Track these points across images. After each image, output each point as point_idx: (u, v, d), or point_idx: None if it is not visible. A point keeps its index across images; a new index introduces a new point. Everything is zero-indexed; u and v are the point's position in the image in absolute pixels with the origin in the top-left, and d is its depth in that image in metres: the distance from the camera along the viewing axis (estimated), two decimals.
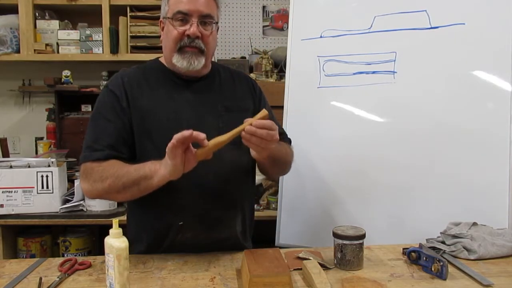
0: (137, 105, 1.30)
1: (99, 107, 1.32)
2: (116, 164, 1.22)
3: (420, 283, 1.09)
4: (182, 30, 1.29)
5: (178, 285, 1.09)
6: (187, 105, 1.32)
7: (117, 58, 2.62)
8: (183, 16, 1.28)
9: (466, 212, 1.45)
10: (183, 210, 1.28)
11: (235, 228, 1.37)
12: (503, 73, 1.51)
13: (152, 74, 1.36)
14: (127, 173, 1.17)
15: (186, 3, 1.28)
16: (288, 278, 1.01)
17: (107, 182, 1.19)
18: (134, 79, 1.34)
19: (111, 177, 1.18)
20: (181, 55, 1.30)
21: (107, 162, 1.23)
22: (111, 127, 1.28)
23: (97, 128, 1.29)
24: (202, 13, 1.29)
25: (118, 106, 1.29)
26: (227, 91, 1.40)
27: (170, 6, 1.31)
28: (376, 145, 1.67)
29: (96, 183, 1.21)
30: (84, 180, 1.25)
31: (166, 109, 1.31)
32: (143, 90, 1.32)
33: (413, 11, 1.66)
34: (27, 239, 2.29)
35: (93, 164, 1.24)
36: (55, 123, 2.68)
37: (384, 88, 1.68)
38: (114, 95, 1.30)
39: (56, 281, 1.09)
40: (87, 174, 1.24)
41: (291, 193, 1.81)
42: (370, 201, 1.65)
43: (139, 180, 1.16)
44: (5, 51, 2.55)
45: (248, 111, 1.39)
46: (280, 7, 3.08)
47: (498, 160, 1.48)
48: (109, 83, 1.34)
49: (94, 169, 1.23)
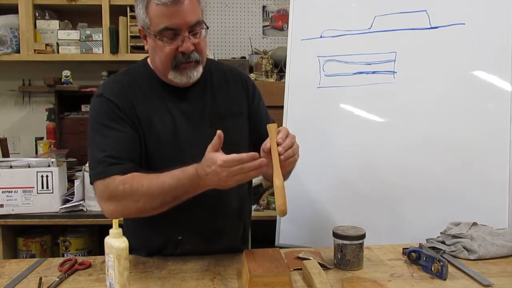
0: (135, 113, 1.23)
1: (99, 117, 1.22)
2: (143, 179, 1.12)
3: (420, 283, 1.09)
4: (174, 48, 1.19)
5: (178, 285, 1.09)
6: (182, 115, 1.26)
7: (117, 58, 2.62)
8: (172, 33, 1.17)
9: (466, 212, 1.44)
10: (181, 224, 1.24)
11: (236, 238, 1.35)
12: (503, 73, 1.51)
13: (143, 81, 1.28)
14: (163, 191, 1.10)
15: (172, 17, 1.15)
16: (288, 278, 1.01)
17: (141, 202, 1.11)
18: (126, 85, 1.26)
19: (145, 196, 1.11)
20: (178, 72, 1.22)
21: (131, 178, 1.13)
22: (121, 137, 1.19)
23: (106, 140, 1.19)
24: (191, 23, 1.18)
25: (121, 114, 1.21)
26: (220, 95, 1.33)
27: (152, 20, 1.17)
28: (376, 145, 1.67)
29: (127, 202, 1.13)
30: (109, 201, 1.15)
31: (163, 120, 1.24)
32: (136, 96, 1.25)
33: (413, 11, 1.66)
34: (27, 239, 2.29)
35: (115, 180, 1.14)
36: (55, 123, 2.68)
37: (384, 88, 1.68)
38: (112, 104, 1.21)
39: (56, 281, 1.09)
40: (111, 194, 1.14)
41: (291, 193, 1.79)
42: (370, 201, 1.65)
43: (180, 196, 1.10)
44: (5, 51, 2.55)
45: (242, 114, 1.35)
46: (280, 7, 3.08)
47: (498, 160, 1.48)
48: (103, 91, 1.24)
49: (119, 187, 1.12)
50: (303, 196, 1.78)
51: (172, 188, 1.10)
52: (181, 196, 1.11)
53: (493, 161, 1.49)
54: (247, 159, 1.01)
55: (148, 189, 1.11)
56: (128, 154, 1.19)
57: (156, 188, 1.10)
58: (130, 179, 1.14)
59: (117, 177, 1.14)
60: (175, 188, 1.10)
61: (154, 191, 1.10)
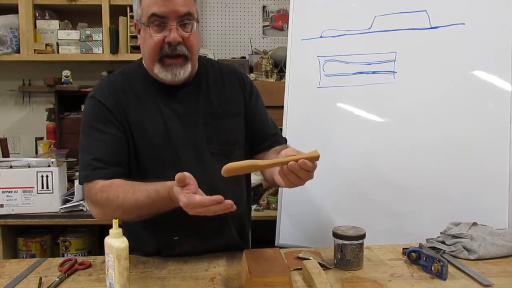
0: (125, 117, 1.22)
1: (90, 119, 1.22)
2: (119, 191, 1.13)
3: (420, 283, 1.09)
4: (161, 38, 1.17)
5: (178, 285, 1.09)
6: (174, 116, 1.25)
7: (117, 58, 2.62)
8: (159, 20, 1.16)
9: (466, 212, 1.44)
10: (176, 224, 1.21)
11: (232, 236, 1.34)
12: (503, 73, 1.51)
13: (137, 82, 1.27)
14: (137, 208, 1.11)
15: (161, 5, 1.14)
16: (288, 278, 1.01)
17: (117, 212, 1.12)
18: (120, 87, 1.25)
19: (119, 209, 1.12)
20: (163, 67, 1.20)
21: (109, 187, 1.14)
22: (109, 140, 1.20)
23: (94, 143, 1.20)
24: (180, 13, 1.16)
25: (111, 117, 1.21)
26: (215, 95, 1.31)
27: (144, 9, 1.17)
28: (376, 145, 1.67)
29: (105, 209, 1.15)
30: (92, 205, 1.19)
31: (154, 122, 1.24)
32: (129, 100, 1.24)
33: (413, 11, 1.66)
34: (27, 239, 2.29)
35: (96, 185, 1.16)
36: (55, 123, 2.68)
37: (384, 88, 1.68)
38: (103, 106, 1.21)
39: (56, 281, 1.09)
40: (94, 199, 1.17)
41: (291, 193, 1.81)
42: (370, 201, 1.65)
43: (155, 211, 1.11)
44: (5, 51, 2.55)
45: (238, 115, 1.34)
46: (280, 7, 3.08)
47: (498, 160, 1.48)
48: (95, 94, 1.24)
49: (98, 194, 1.15)
50: (303, 196, 1.77)
51: (147, 205, 1.10)
52: (157, 211, 1.12)
53: (493, 161, 1.48)
54: (209, 203, 0.96)
55: (122, 203, 1.11)
56: (115, 158, 1.19)
57: (129, 203, 1.11)
58: (107, 188, 1.14)
59: (99, 182, 1.16)
60: (149, 206, 1.10)
61: (128, 206, 1.11)
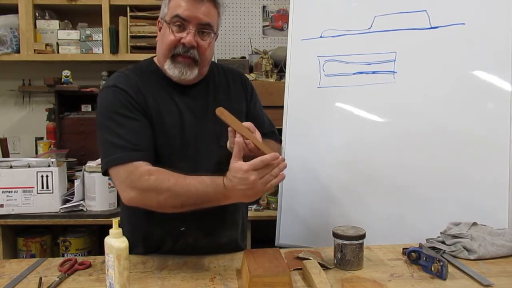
0: (147, 104, 1.24)
1: (113, 106, 1.21)
2: (170, 174, 1.12)
3: (420, 283, 1.09)
4: (178, 37, 1.23)
5: (178, 285, 1.09)
6: (187, 110, 1.29)
7: (117, 58, 2.62)
8: (180, 22, 1.22)
9: (466, 212, 1.44)
10: (184, 216, 1.19)
11: (235, 231, 1.38)
12: (503, 73, 1.51)
13: (151, 76, 1.30)
14: (187, 192, 1.10)
15: (186, 9, 1.21)
16: (288, 278, 1.01)
17: (162, 196, 1.10)
18: (136, 79, 1.28)
19: (168, 192, 1.10)
20: (173, 63, 1.25)
21: (157, 171, 1.13)
22: (139, 125, 1.20)
23: (123, 128, 1.18)
24: (201, 22, 1.23)
25: (136, 104, 1.22)
26: (222, 94, 1.37)
27: (170, 10, 1.25)
28: (376, 145, 1.67)
29: (149, 193, 1.11)
30: (129, 188, 1.13)
31: (171, 113, 1.27)
32: (147, 89, 1.27)
33: (413, 11, 1.66)
34: (27, 239, 2.29)
35: (140, 168, 1.13)
36: (55, 123, 2.68)
37: (384, 88, 1.68)
38: (127, 94, 1.22)
39: (56, 281, 1.09)
40: (134, 182, 1.12)
41: (291, 193, 1.81)
42: (370, 201, 1.65)
43: (202, 202, 1.10)
44: (5, 51, 2.55)
45: (242, 113, 1.38)
46: (280, 7, 3.08)
47: (498, 160, 1.48)
48: (116, 82, 1.25)
49: (143, 177, 1.11)
50: (303, 196, 1.78)
51: (198, 192, 1.09)
52: (202, 203, 1.11)
53: (493, 161, 1.48)
54: (270, 159, 1.05)
55: (174, 186, 1.10)
56: (145, 142, 1.20)
57: (181, 187, 1.10)
58: (155, 171, 1.13)
59: (142, 166, 1.14)
60: (200, 193, 1.09)
61: (179, 189, 1.10)
